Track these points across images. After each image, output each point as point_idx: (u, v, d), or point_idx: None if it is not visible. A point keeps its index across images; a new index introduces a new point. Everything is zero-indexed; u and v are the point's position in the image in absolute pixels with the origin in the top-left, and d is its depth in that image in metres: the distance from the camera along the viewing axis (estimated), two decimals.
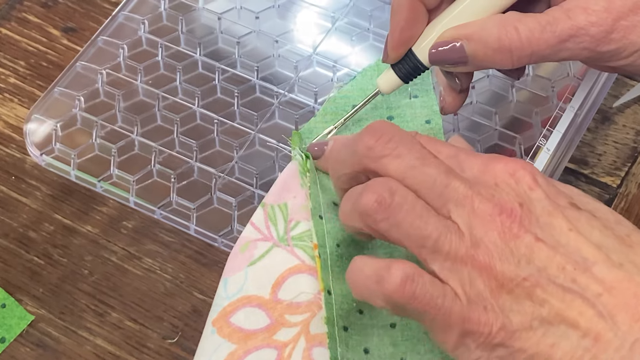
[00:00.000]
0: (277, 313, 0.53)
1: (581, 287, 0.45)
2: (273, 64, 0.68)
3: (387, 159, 0.49)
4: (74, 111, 0.65)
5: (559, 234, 0.47)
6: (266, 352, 0.53)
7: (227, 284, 0.54)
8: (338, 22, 0.69)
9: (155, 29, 0.69)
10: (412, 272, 0.47)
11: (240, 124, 0.65)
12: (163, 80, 0.67)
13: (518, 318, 0.46)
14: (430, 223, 0.47)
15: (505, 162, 0.48)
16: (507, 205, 0.47)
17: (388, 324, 0.54)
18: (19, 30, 0.77)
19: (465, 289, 0.47)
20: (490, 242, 0.47)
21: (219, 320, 0.54)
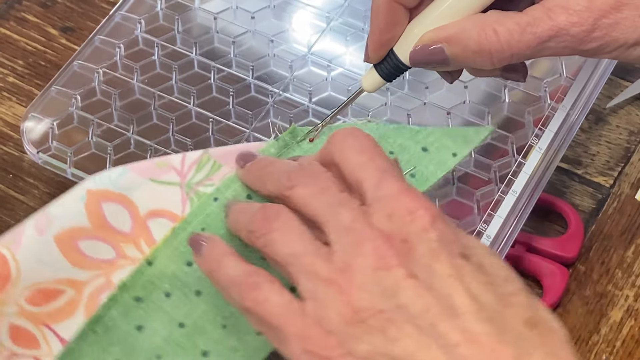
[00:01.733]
0: (139, 231, 0.55)
1: (439, 333, 0.44)
2: (268, 64, 0.68)
3: (296, 188, 0.50)
4: (71, 110, 0.66)
5: (436, 278, 0.45)
6: (107, 249, 0.55)
7: (123, 176, 0.56)
8: (333, 22, 0.70)
9: (152, 28, 0.70)
10: (263, 281, 0.48)
11: (236, 122, 0.66)
12: (159, 79, 0.67)
13: (365, 348, 0.45)
14: (301, 243, 0.48)
15: (411, 199, 0.47)
16: (389, 237, 0.46)
17: (178, 322, 0.54)
18: (17, 30, 0.78)
19: (316, 310, 0.46)
20: (358, 269, 0.46)
21: (94, 195, 0.55)
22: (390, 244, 0.46)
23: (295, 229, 0.49)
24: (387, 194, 0.48)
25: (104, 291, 0.54)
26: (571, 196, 0.71)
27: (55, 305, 0.54)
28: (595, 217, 0.70)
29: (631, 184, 0.71)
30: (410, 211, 0.47)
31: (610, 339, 0.65)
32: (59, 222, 0.54)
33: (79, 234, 0.54)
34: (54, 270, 0.54)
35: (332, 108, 0.65)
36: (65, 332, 0.54)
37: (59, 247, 0.54)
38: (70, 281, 0.55)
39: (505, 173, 0.63)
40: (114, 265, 0.55)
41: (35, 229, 0.54)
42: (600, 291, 0.67)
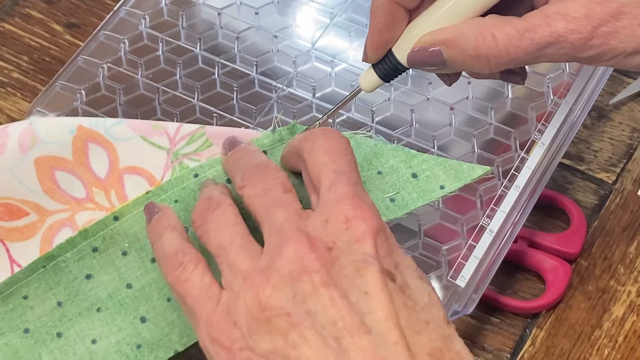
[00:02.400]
0: (112, 181, 0.58)
1: (342, 348, 0.44)
2: (272, 59, 0.69)
3: (246, 188, 0.52)
4: (75, 104, 0.66)
5: (355, 290, 0.45)
6: (79, 186, 0.58)
7: (119, 125, 0.59)
8: (336, 18, 0.70)
9: (156, 24, 0.70)
10: (189, 260, 0.50)
11: (240, 117, 0.66)
12: (163, 75, 0.68)
13: (265, 346, 0.45)
14: (231, 236, 0.50)
15: (353, 207, 0.47)
16: (314, 242, 0.46)
17: (126, 283, 0.56)
18: (22, 26, 0.78)
19: (229, 300, 0.48)
20: (276, 268, 0.46)
21: (85, 132, 0.58)
22: (313, 249, 0.46)
23: (230, 221, 0.51)
24: (333, 197, 0.48)
25: (64, 225, 0.57)
26: (574, 192, 0.71)
27: (15, 224, 0.57)
28: (597, 213, 0.70)
29: (634, 180, 0.71)
30: (347, 219, 0.47)
31: (613, 334, 0.65)
32: (43, 146, 0.57)
33: (58, 163, 0.57)
34: (25, 190, 0.57)
35: (336, 103, 0.66)
36: (17, 253, 0.57)
37: (36, 169, 0.57)
38: (37, 206, 0.57)
39: (508, 168, 0.63)
40: (80, 205, 0.57)
41: (18, 143, 0.56)
42: (603, 286, 0.67)
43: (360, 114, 0.66)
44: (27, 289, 0.55)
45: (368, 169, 0.58)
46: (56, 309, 0.55)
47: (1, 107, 0.74)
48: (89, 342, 0.55)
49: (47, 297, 0.55)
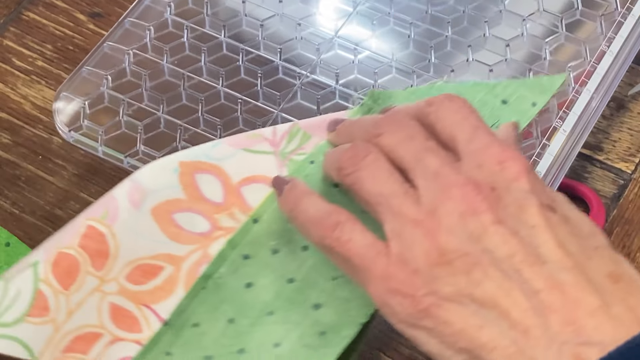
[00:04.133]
0: (232, 200, 0.55)
1: (523, 279, 0.45)
2: (295, 46, 0.69)
3: (384, 136, 0.51)
4: (102, 89, 0.67)
5: (522, 225, 0.46)
6: (202, 221, 0.55)
7: (216, 148, 0.56)
8: (359, 6, 0.71)
9: (181, 11, 0.71)
10: (345, 220, 0.49)
11: (264, 103, 0.67)
12: (188, 61, 0.68)
13: (449, 289, 0.46)
14: (390, 184, 0.49)
15: (502, 150, 0.48)
16: (478, 184, 0.47)
17: (287, 279, 0.54)
18: (46, 15, 0.79)
19: (402, 250, 0.47)
20: (445, 212, 0.47)
21: (187, 166, 0.55)
22: (479, 191, 0.47)
23: (384, 168, 0.50)
24: (478, 147, 0.49)
25: (201, 265, 0.54)
26: (592, 182, 0.72)
27: (154, 283, 0.54)
28: (616, 203, 0.71)
29: None
30: (500, 161, 0.48)
31: None
32: (154, 195, 0.55)
33: (174, 206, 0.55)
34: (152, 245, 0.54)
35: (359, 90, 0.67)
36: (165, 312, 0.54)
37: (156, 220, 0.54)
38: (169, 256, 0.55)
39: (529, 155, 0.64)
40: (209, 238, 0.55)
41: (130, 203, 0.54)
42: None
43: (434, 79, 0.67)
44: (194, 316, 0.53)
45: None
46: (229, 326, 0.53)
47: (26, 95, 0.75)
48: (272, 348, 0.53)
49: (216, 318, 0.53)
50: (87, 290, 0.53)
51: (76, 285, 0.53)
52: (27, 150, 0.73)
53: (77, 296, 0.53)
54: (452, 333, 0.46)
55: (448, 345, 0.46)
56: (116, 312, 0.54)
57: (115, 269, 0.54)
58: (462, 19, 0.70)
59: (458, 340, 0.46)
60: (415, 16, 0.70)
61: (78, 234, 0.54)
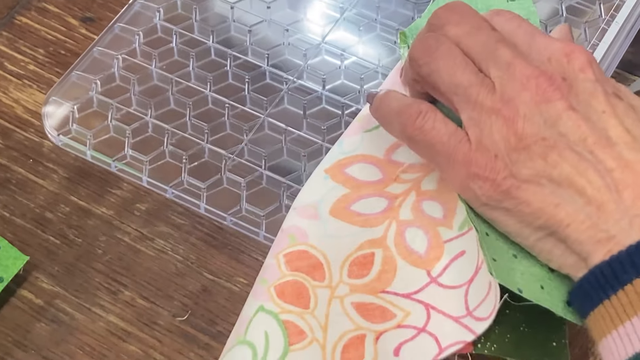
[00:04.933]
0: (390, 170, 0.58)
1: (597, 159, 0.49)
2: (283, 52, 0.70)
3: (449, 26, 0.54)
4: (91, 94, 0.68)
5: (593, 111, 0.50)
6: (377, 200, 0.57)
7: (343, 144, 0.60)
8: (346, 12, 0.71)
9: (170, 17, 0.71)
10: (427, 110, 0.53)
11: (251, 108, 0.67)
12: (177, 66, 0.69)
13: (527, 172, 0.49)
14: (466, 74, 0.52)
15: (566, 44, 0.52)
16: (551, 74, 0.51)
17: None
18: (39, 20, 0.80)
19: (481, 137, 0.51)
20: (521, 101, 0.50)
21: (333, 169, 0.59)
22: (552, 81, 0.50)
23: (459, 59, 0.53)
24: (542, 44, 0.52)
25: (404, 230, 0.56)
26: None
27: (375, 269, 0.56)
28: None
29: None
30: (567, 54, 0.51)
31: None
32: (323, 203, 0.57)
33: (345, 201, 0.57)
34: (350, 239, 0.57)
35: (345, 96, 0.67)
36: (402, 289, 0.55)
37: (339, 218, 0.57)
38: (371, 242, 0.57)
39: None
40: (392, 209, 0.57)
41: (308, 219, 0.57)
42: None
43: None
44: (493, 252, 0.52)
45: (476, 4, 0.62)
46: None
47: (18, 99, 0.76)
48: None
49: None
50: (325, 301, 0.55)
51: (313, 301, 0.55)
52: (18, 153, 0.73)
53: (320, 310, 0.55)
54: (531, 212, 0.49)
55: (527, 224, 0.50)
56: (362, 309, 0.55)
57: (335, 273, 0.56)
58: None
59: (536, 219, 0.49)
60: (401, 22, 0.71)
61: (280, 265, 0.56)
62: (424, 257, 0.55)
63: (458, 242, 0.55)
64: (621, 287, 0.46)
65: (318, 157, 0.65)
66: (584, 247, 0.48)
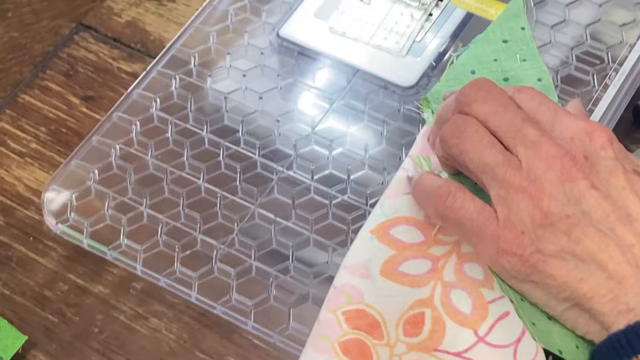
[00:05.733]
0: (431, 233, 0.61)
1: (618, 236, 0.52)
2: (274, 142, 0.73)
3: (475, 104, 0.58)
4: (88, 183, 0.70)
5: (613, 189, 0.54)
6: (422, 262, 0.61)
7: (384, 206, 0.63)
8: (335, 103, 0.74)
9: (166, 106, 0.74)
10: (456, 190, 0.56)
11: (242, 198, 0.70)
12: (171, 155, 0.72)
13: (553, 247, 0.53)
14: (493, 153, 0.56)
15: (588, 123, 0.56)
16: (574, 154, 0.54)
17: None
18: (41, 98, 0.83)
19: (509, 214, 0.54)
20: (546, 179, 0.54)
21: (378, 230, 0.62)
22: (575, 160, 0.54)
23: (486, 139, 0.56)
24: (566, 123, 0.56)
25: (449, 292, 0.60)
26: None
27: (427, 328, 0.59)
28: None
29: None
30: (589, 132, 0.55)
31: None
32: (373, 263, 0.61)
33: (393, 262, 0.61)
34: (401, 299, 0.60)
35: (333, 186, 0.70)
36: (450, 345, 0.59)
37: (389, 279, 0.60)
38: (420, 302, 0.60)
39: None
40: (437, 271, 0.60)
41: (360, 277, 0.60)
42: None
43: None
44: None
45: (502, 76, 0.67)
46: None
47: (20, 177, 0.79)
48: None
49: None
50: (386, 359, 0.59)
51: (375, 359, 0.59)
52: (19, 231, 0.76)
53: None
54: (557, 285, 0.53)
55: (553, 296, 0.54)
56: None
57: (392, 332, 0.59)
58: None
59: (562, 291, 0.53)
60: (388, 114, 0.73)
61: (341, 322, 0.59)
62: (470, 317, 0.59)
63: (501, 303, 0.59)
64: (635, 355, 0.51)
65: (305, 246, 0.68)
66: (606, 317, 0.52)
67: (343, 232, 0.68)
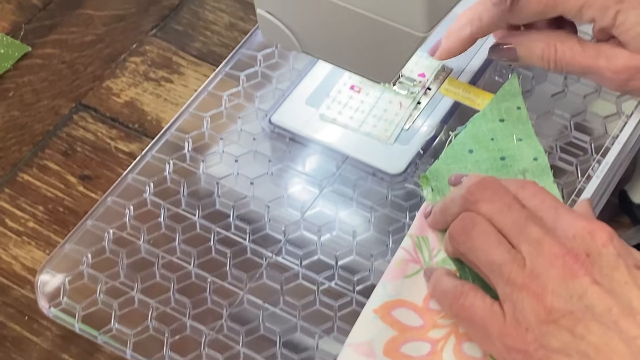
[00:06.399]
0: (429, 317, 0.65)
1: (621, 328, 0.54)
2: (264, 227, 0.74)
3: (481, 203, 0.61)
4: (81, 267, 0.72)
5: (616, 284, 0.56)
6: (422, 344, 0.64)
7: (387, 287, 0.66)
8: (325, 189, 0.76)
9: (160, 190, 0.76)
10: (468, 290, 0.60)
11: (231, 283, 0.72)
12: (163, 240, 0.74)
13: (557, 344, 0.55)
14: (499, 252, 0.59)
15: (589, 222, 0.58)
16: (576, 252, 0.57)
17: None
18: (39, 177, 0.85)
19: (514, 311, 0.57)
20: (549, 277, 0.56)
21: (382, 310, 0.65)
22: (577, 259, 0.57)
23: (493, 238, 0.60)
24: (567, 221, 0.59)
25: None
26: None
27: None
28: None
29: None
30: (590, 231, 0.58)
31: None
32: (377, 342, 0.64)
33: (395, 343, 0.64)
34: None
35: (320, 273, 0.72)
36: None
37: (392, 358, 0.63)
38: None
39: None
40: (436, 353, 0.63)
41: (367, 357, 0.64)
42: None
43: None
44: None
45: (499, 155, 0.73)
46: None
47: (17, 255, 0.80)
48: None
49: None
50: None
51: None
52: (14, 310, 0.78)
53: None
54: None
55: None
56: None
57: None
58: (419, 204, 0.75)
59: None
60: (376, 200, 0.75)
61: None
62: None
63: None
64: None
65: (293, 333, 0.69)
66: None
67: (330, 319, 0.70)
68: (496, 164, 0.72)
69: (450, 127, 0.76)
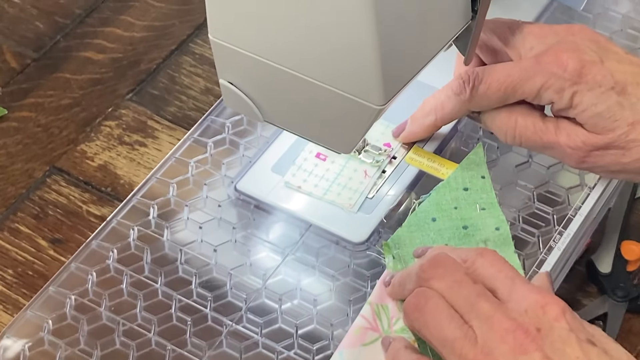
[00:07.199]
0: None
1: None
2: (226, 295, 0.74)
3: (433, 281, 0.62)
4: (42, 334, 0.72)
5: (567, 358, 0.56)
6: None
7: (343, 355, 0.67)
8: (288, 257, 0.76)
9: (123, 257, 0.76)
10: None
11: (190, 351, 0.72)
12: (125, 307, 0.74)
13: None
14: (452, 328, 0.59)
15: (542, 296, 0.59)
16: (527, 327, 0.57)
17: None
18: (10, 240, 0.85)
19: None
20: (500, 353, 0.57)
21: None
22: (528, 333, 0.57)
23: (445, 314, 0.60)
24: (521, 294, 0.60)
25: None
26: None
27: None
28: None
29: None
30: (542, 306, 0.58)
31: None
32: None
33: None
34: None
35: (280, 342, 0.72)
36: None
37: None
38: None
39: None
40: None
41: None
42: None
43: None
44: None
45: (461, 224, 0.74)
46: None
47: None
48: None
49: None
50: None
51: None
52: None
53: None
54: None
55: None
56: None
57: None
58: (380, 273, 0.75)
59: None
60: (338, 269, 0.75)
61: None
62: None
63: None
64: None
65: None
66: None
67: None
68: (458, 232, 0.73)
69: (415, 196, 0.77)
